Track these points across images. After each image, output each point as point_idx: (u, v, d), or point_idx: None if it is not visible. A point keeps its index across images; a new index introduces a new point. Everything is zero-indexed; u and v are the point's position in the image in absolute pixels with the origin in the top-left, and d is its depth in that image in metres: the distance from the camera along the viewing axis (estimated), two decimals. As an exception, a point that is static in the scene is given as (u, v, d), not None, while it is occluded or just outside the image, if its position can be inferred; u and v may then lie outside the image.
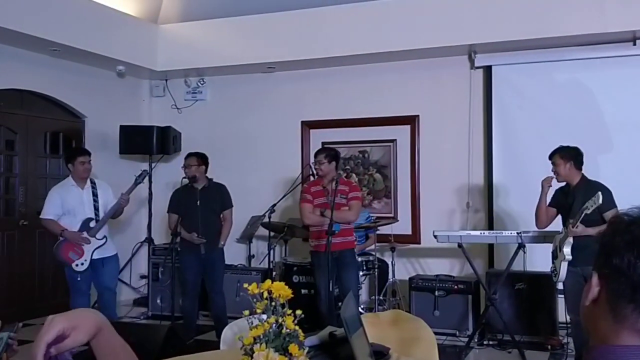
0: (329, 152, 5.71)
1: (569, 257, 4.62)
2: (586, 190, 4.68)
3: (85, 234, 5.57)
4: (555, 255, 4.83)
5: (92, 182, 5.77)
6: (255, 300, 2.01)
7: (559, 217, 5.06)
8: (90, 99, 7.43)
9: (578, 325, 4.75)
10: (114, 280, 5.93)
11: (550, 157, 4.94)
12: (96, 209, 5.67)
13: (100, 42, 6.83)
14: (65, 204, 5.61)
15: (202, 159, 6.01)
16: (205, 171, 6.04)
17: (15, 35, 6.02)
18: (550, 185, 5.00)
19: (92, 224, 5.62)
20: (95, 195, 5.70)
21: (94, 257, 5.59)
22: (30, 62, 6.63)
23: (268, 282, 2.02)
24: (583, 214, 4.43)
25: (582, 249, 4.51)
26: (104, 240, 5.64)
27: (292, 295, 2.03)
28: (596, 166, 5.81)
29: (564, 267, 4.67)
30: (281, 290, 1.97)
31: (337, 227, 5.37)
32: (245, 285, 2.11)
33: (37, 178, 7.08)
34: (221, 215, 6.03)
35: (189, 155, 6.06)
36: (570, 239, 4.62)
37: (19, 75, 6.57)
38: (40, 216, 5.68)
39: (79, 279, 5.56)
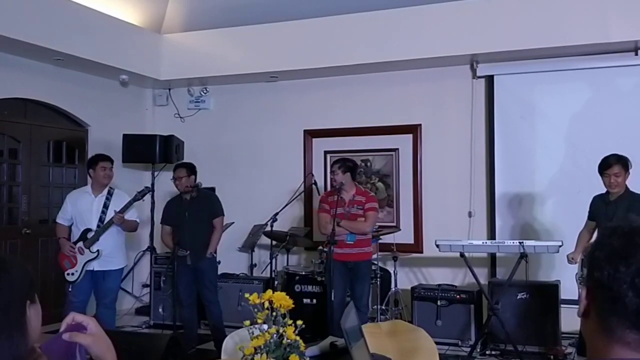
0: (344, 162, 5.63)
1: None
2: (632, 203, 4.57)
3: (80, 244, 5.49)
4: (585, 263, 4.79)
5: (109, 192, 5.65)
6: (256, 310, 2.02)
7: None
8: (94, 108, 7.46)
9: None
10: (111, 295, 5.67)
11: (609, 166, 4.68)
12: (101, 220, 5.54)
13: (103, 51, 6.86)
14: (75, 211, 5.58)
15: (191, 169, 5.88)
16: (194, 180, 5.92)
17: (19, 45, 6.05)
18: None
19: (90, 234, 5.51)
20: (105, 206, 5.57)
21: (95, 268, 5.48)
22: (33, 71, 6.66)
23: (269, 292, 2.03)
24: None
25: None
26: (96, 253, 5.46)
27: (294, 306, 2.04)
28: (597, 177, 5.80)
29: None
30: (282, 300, 1.98)
31: (352, 238, 5.39)
32: (247, 295, 2.12)
33: (40, 187, 7.10)
34: (211, 225, 5.93)
35: (178, 166, 5.96)
36: None
37: (23, 84, 6.60)
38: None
39: (70, 289, 5.46)
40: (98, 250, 5.49)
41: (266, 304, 2.03)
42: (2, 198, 6.88)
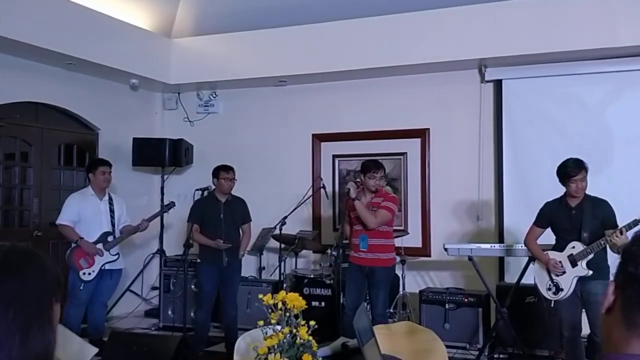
0: (385, 170, 5.58)
1: (590, 272, 4.57)
2: (595, 204, 4.63)
3: (100, 246, 5.74)
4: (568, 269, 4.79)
5: (110, 197, 5.96)
6: (269, 310, 2.05)
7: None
8: (104, 111, 7.52)
9: (571, 342, 4.72)
10: (111, 292, 6.14)
11: (577, 172, 4.61)
12: (112, 224, 5.88)
13: (114, 55, 6.92)
14: (82, 212, 5.77)
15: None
16: None
17: (31, 49, 6.11)
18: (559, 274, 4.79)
19: (110, 238, 5.82)
20: (112, 210, 5.89)
21: (105, 267, 5.78)
22: (45, 75, 6.72)
23: (282, 293, 2.06)
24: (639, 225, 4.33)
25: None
26: (116, 256, 5.85)
27: (306, 306, 2.07)
28: (607, 180, 5.81)
29: (574, 282, 4.65)
30: (295, 301, 2.01)
31: (364, 245, 5.32)
32: (260, 295, 2.15)
33: (51, 190, 7.15)
34: (240, 228, 6.12)
35: (228, 168, 6.01)
36: (591, 255, 4.57)
37: (34, 88, 6.66)
38: (57, 222, 5.85)
39: (81, 287, 5.66)
40: (118, 254, 5.86)
41: (279, 305, 2.06)
42: (13, 201, 6.95)
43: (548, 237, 4.98)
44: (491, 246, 5.96)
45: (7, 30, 5.71)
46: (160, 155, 7.66)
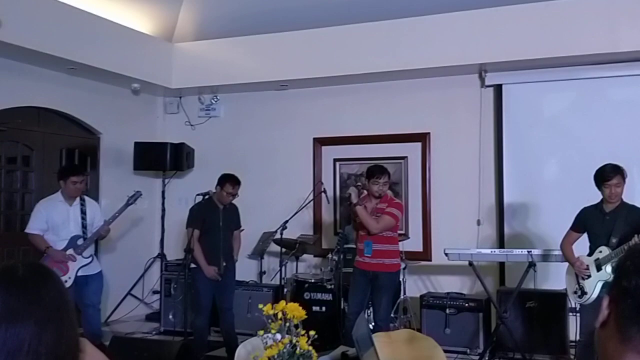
0: (389, 175, 5.53)
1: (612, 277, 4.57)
2: (628, 214, 4.62)
3: (71, 251, 5.53)
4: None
5: (82, 199, 5.72)
6: (270, 320, 2.06)
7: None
8: (106, 115, 7.53)
9: (585, 347, 4.74)
10: (98, 297, 5.83)
11: (609, 178, 4.61)
12: (84, 226, 5.62)
13: (116, 60, 6.94)
14: (50, 220, 5.56)
15: None
16: None
17: (32, 54, 6.13)
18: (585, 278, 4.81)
19: (80, 241, 5.57)
20: (83, 212, 5.65)
21: (80, 273, 5.56)
22: (47, 80, 6.73)
23: (282, 303, 2.07)
24: None
25: None
26: (90, 259, 5.61)
27: (306, 316, 2.08)
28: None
29: (599, 286, 4.66)
30: (295, 311, 2.03)
31: (369, 251, 5.31)
32: (260, 305, 2.17)
33: (52, 194, 7.14)
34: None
35: (235, 183, 5.88)
36: (616, 260, 4.58)
37: (36, 92, 6.68)
38: (26, 230, 5.65)
39: None
40: (92, 256, 5.66)
41: (279, 314, 2.08)
42: (15, 205, 6.96)
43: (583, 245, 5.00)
44: (492, 251, 5.98)
45: (9, 35, 5.72)
46: (161, 159, 7.68)
